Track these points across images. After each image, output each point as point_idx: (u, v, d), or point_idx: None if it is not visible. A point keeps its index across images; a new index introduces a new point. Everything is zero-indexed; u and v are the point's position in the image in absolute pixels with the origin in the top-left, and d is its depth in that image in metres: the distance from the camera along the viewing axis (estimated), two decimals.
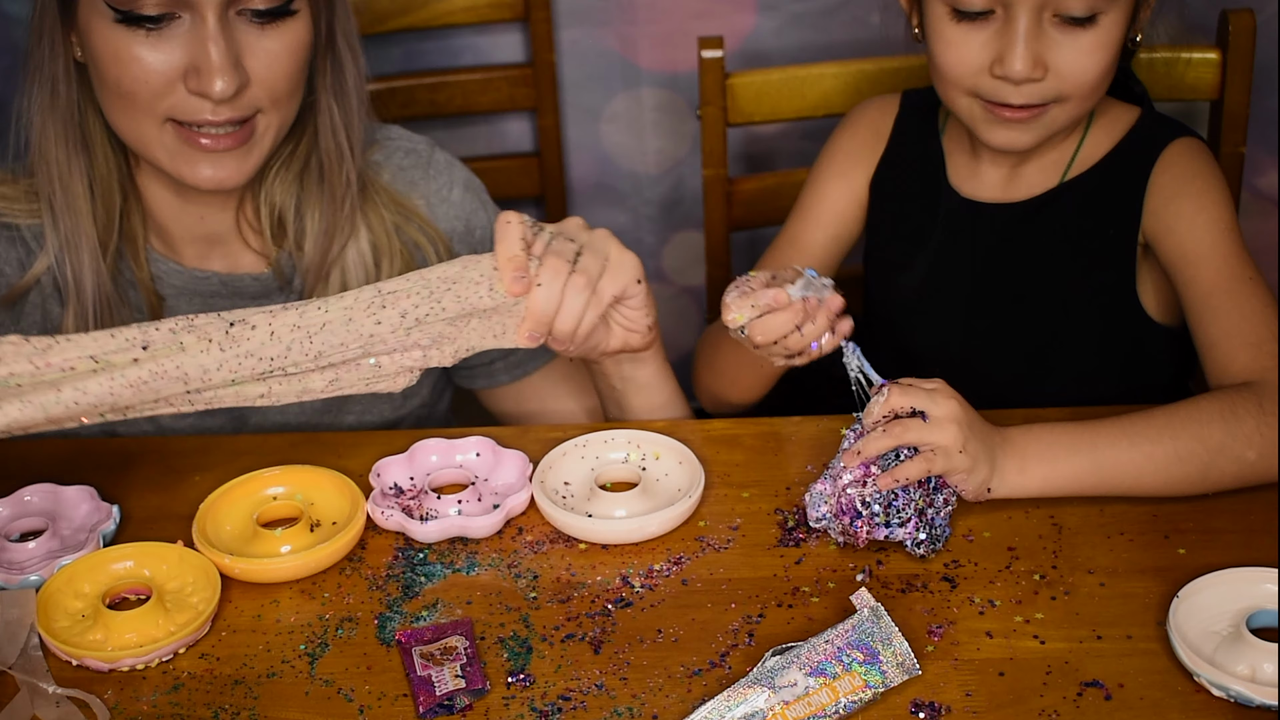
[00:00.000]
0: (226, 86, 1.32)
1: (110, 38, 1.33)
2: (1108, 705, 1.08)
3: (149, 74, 1.33)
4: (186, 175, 1.38)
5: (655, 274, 2.49)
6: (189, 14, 1.32)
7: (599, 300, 1.27)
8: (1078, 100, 1.42)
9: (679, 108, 2.35)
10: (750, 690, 1.06)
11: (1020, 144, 1.46)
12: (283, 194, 1.48)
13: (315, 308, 1.21)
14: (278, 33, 1.36)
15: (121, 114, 1.37)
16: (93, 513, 1.30)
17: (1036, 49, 1.38)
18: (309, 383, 1.22)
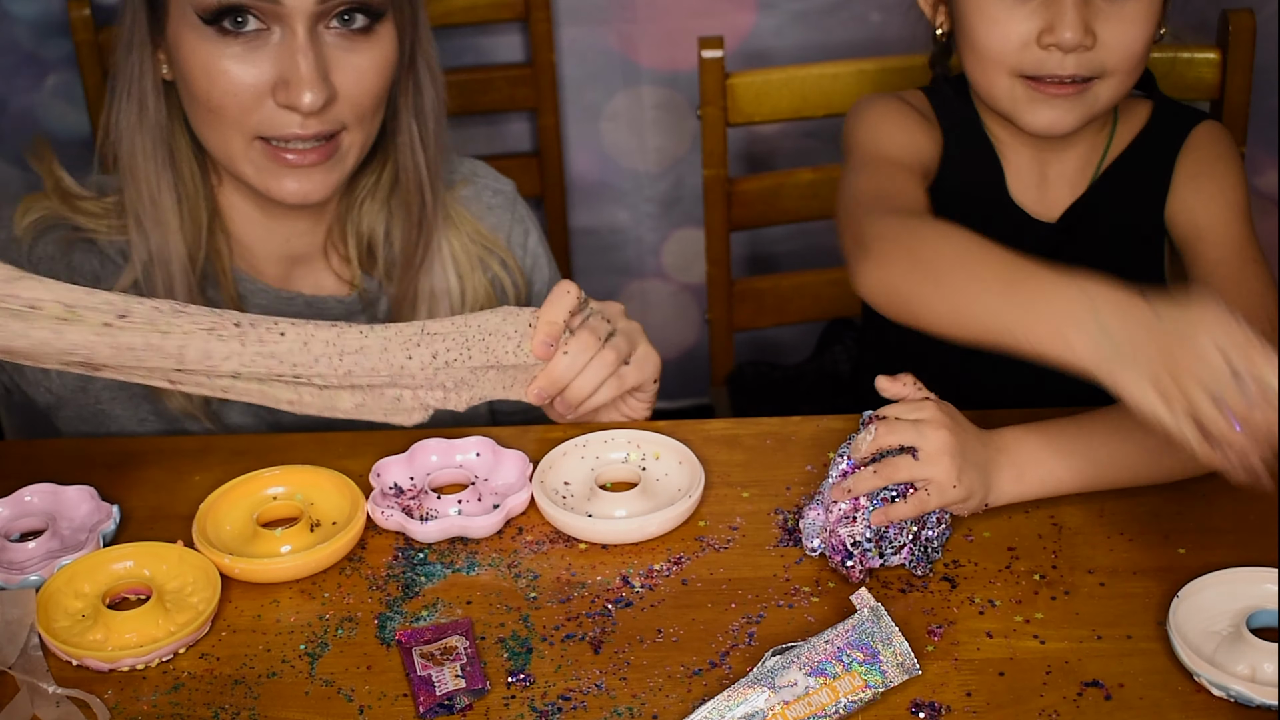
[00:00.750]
0: (315, 99, 1.33)
1: (200, 51, 1.34)
2: (1108, 705, 1.08)
3: (238, 87, 1.34)
4: (273, 190, 1.39)
5: (655, 271, 2.50)
6: (279, 27, 1.33)
7: (620, 383, 1.33)
8: (1121, 75, 1.41)
9: (679, 106, 2.36)
10: (750, 690, 1.06)
11: (1063, 125, 1.43)
12: (371, 220, 1.50)
13: (357, 332, 1.25)
14: (366, 48, 1.37)
15: (210, 129, 1.38)
16: (93, 513, 1.30)
17: (1085, 15, 1.37)
18: (338, 400, 1.26)
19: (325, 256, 1.52)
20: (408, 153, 1.46)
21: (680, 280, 2.50)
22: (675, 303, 2.50)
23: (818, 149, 2.32)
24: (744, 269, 2.38)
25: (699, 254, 2.23)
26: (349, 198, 1.50)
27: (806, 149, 2.32)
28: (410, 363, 1.25)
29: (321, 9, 1.33)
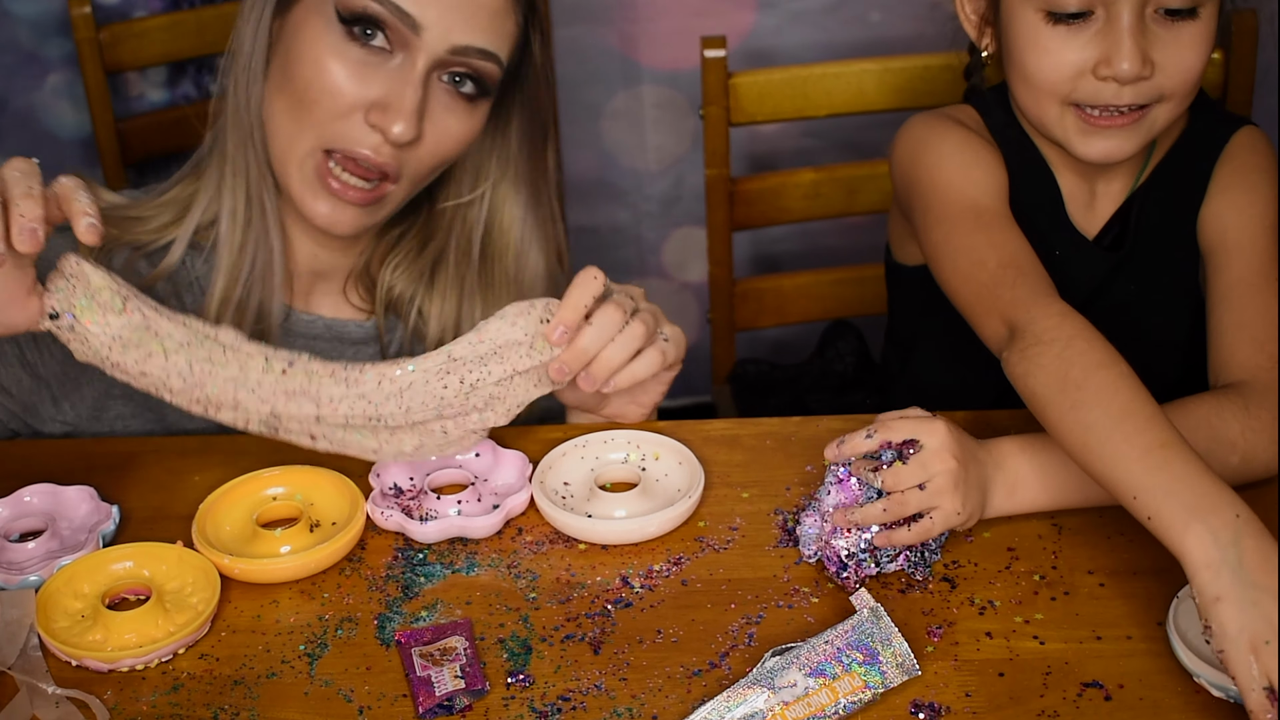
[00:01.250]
0: (406, 132, 1.33)
1: (321, 42, 1.34)
2: (1107, 706, 1.08)
3: (340, 89, 1.34)
4: (307, 204, 1.39)
5: (655, 270, 2.50)
6: (402, 54, 1.34)
7: (663, 357, 1.30)
8: (1179, 99, 1.38)
9: (679, 105, 2.36)
10: (750, 691, 1.06)
11: (1120, 153, 1.40)
12: (404, 285, 1.50)
13: (407, 367, 1.24)
14: (464, 113, 1.38)
15: (286, 118, 1.38)
16: (92, 513, 1.30)
17: (1143, 45, 1.33)
18: (402, 444, 1.26)
19: (344, 284, 1.52)
20: (462, 244, 1.48)
21: (680, 279, 2.50)
22: (676, 302, 2.50)
23: (819, 149, 2.32)
24: (746, 269, 2.38)
25: (699, 253, 2.23)
26: (383, 248, 1.51)
27: (808, 149, 2.32)
28: (446, 392, 1.24)
29: (447, 58, 1.34)
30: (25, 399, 1.44)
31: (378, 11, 1.32)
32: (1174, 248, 1.47)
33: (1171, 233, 1.47)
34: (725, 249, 1.95)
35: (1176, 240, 1.46)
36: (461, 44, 1.34)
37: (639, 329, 1.28)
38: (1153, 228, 1.48)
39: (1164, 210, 1.47)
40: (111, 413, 1.47)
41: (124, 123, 2.13)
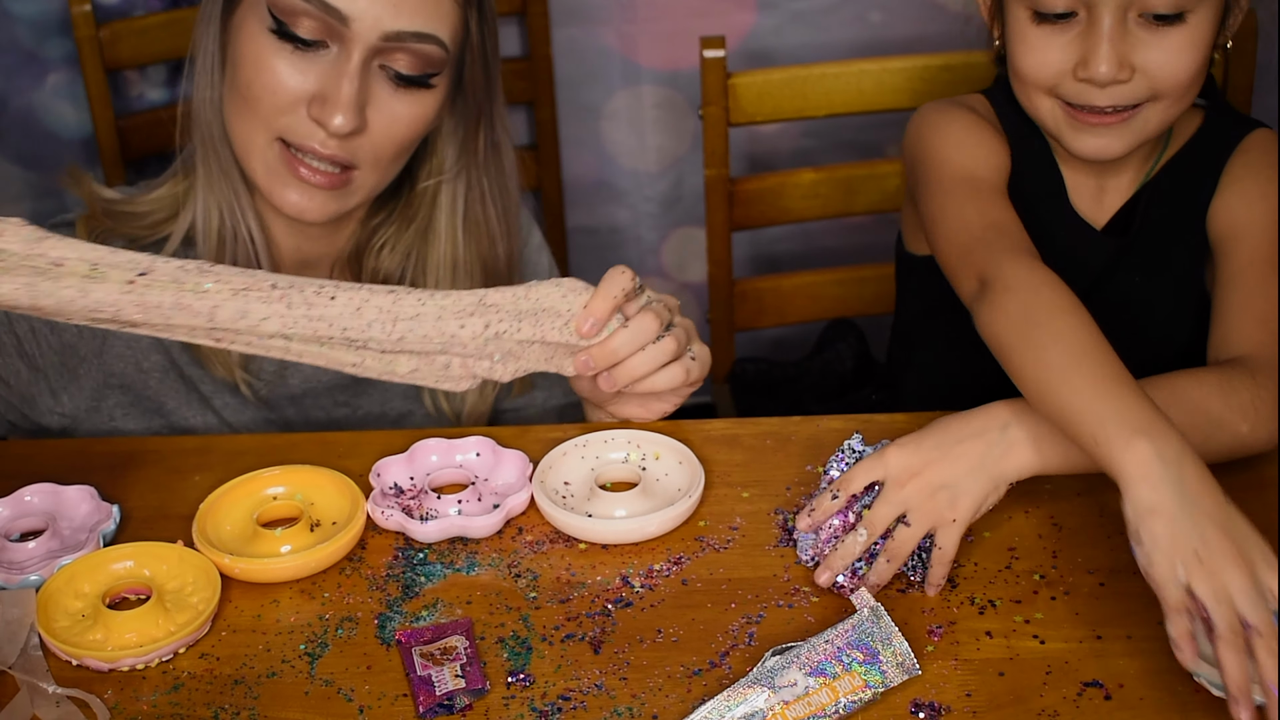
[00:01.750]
0: (345, 123, 1.34)
1: (257, 43, 1.36)
2: (1108, 705, 1.08)
3: (279, 87, 1.36)
4: (275, 195, 1.40)
5: (655, 270, 2.50)
6: (337, 46, 1.35)
7: (687, 375, 1.32)
8: (1171, 100, 1.39)
9: (679, 105, 2.36)
10: (750, 690, 1.06)
11: (1111, 151, 1.42)
12: (392, 265, 1.51)
13: (415, 299, 1.24)
14: (410, 99, 1.38)
15: (238, 116, 1.40)
16: (93, 513, 1.30)
17: (1122, 50, 1.35)
18: (396, 365, 1.26)
19: (332, 270, 1.54)
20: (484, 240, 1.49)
21: (680, 280, 2.50)
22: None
23: (819, 149, 2.32)
24: (745, 269, 2.38)
25: (698, 253, 2.23)
26: (366, 232, 1.51)
27: (807, 149, 2.32)
28: (462, 331, 1.24)
29: (382, 45, 1.34)
30: (23, 390, 1.45)
31: (305, 8, 1.33)
32: (1180, 242, 1.48)
33: (1178, 227, 1.47)
34: (725, 249, 1.96)
35: (1183, 235, 1.47)
36: (394, 30, 1.34)
37: (670, 345, 1.30)
38: (1160, 220, 1.48)
39: (1172, 204, 1.48)
40: (110, 402, 1.48)
41: (124, 121, 2.13)
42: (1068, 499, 1.28)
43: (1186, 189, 1.47)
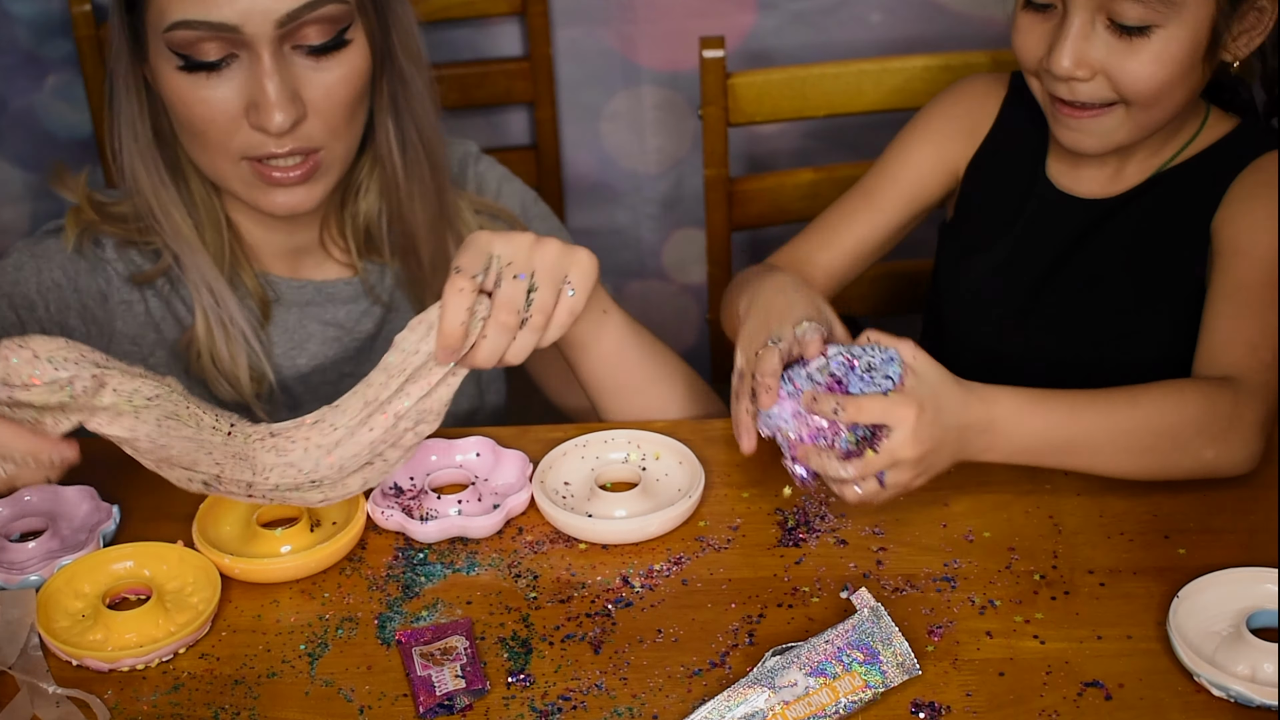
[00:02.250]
0: (284, 120, 1.35)
1: (175, 83, 1.37)
2: (1108, 705, 1.08)
3: (214, 113, 1.37)
4: (263, 204, 1.42)
5: (656, 272, 2.49)
6: (245, 53, 1.34)
7: (571, 314, 1.24)
8: (1139, 107, 1.40)
9: (679, 106, 2.35)
10: (750, 690, 1.06)
11: (1084, 146, 1.45)
12: (368, 210, 1.52)
13: (329, 425, 1.23)
14: (334, 65, 1.38)
15: (199, 151, 1.42)
16: (92, 512, 1.30)
17: (1083, 49, 1.38)
18: (348, 487, 1.24)
19: (324, 248, 1.55)
20: (385, 151, 1.47)
21: (680, 280, 2.49)
22: (675, 303, 2.50)
23: (819, 149, 2.31)
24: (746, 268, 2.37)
25: (699, 254, 2.23)
26: (341, 193, 1.52)
27: (807, 149, 2.32)
28: (372, 434, 1.22)
29: (282, 32, 1.33)
30: None
31: (196, 36, 1.33)
32: (1173, 239, 1.47)
33: (1176, 225, 1.47)
34: (724, 249, 1.95)
35: (1179, 234, 1.47)
36: (284, 13, 1.33)
37: (538, 320, 1.22)
38: (1161, 213, 1.49)
39: (1177, 202, 1.48)
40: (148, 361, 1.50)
41: None
42: (1068, 499, 1.28)
43: (1195, 191, 1.47)
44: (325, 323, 1.55)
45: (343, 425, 1.23)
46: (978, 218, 1.59)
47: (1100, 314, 1.51)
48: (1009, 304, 1.55)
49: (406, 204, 1.50)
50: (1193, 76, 1.40)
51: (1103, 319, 1.51)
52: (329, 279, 1.55)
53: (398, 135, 1.47)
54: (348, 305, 1.55)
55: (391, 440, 1.23)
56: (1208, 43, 1.39)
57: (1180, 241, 1.47)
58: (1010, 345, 1.54)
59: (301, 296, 1.54)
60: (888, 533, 1.26)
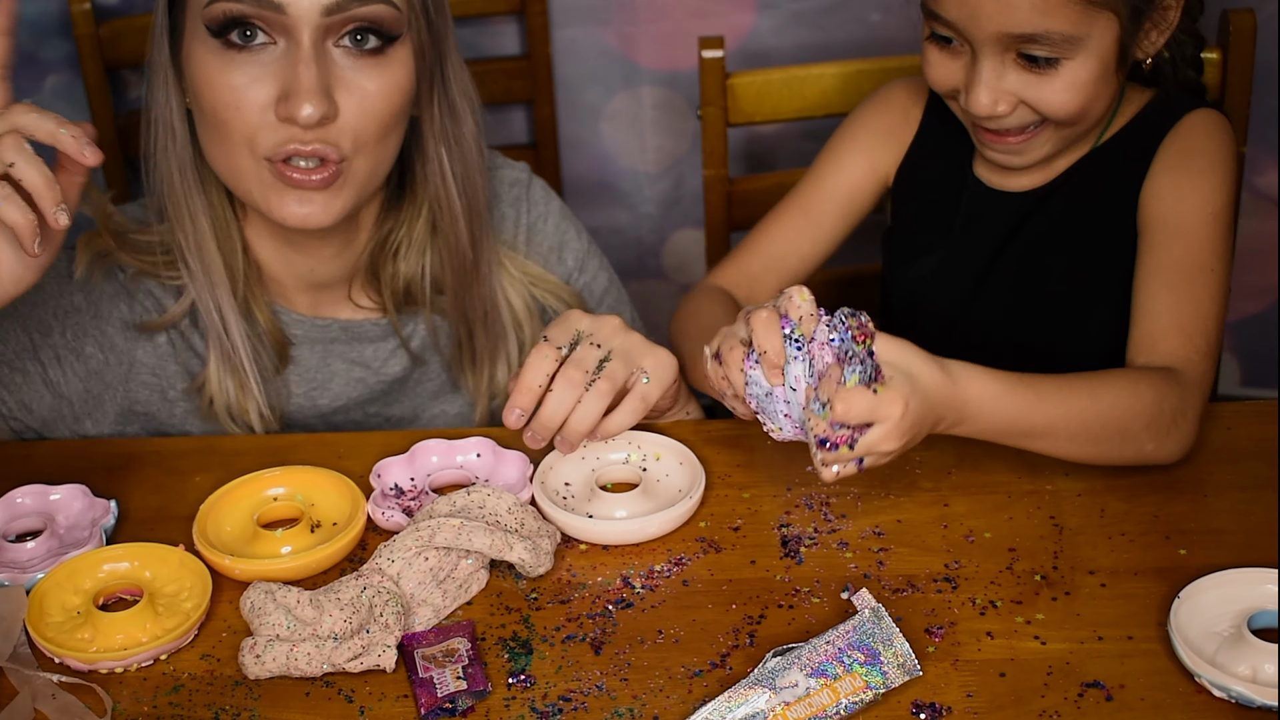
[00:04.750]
0: (314, 111, 1.28)
1: (207, 65, 1.31)
2: (1109, 706, 1.08)
3: (242, 100, 1.30)
4: (275, 210, 1.35)
5: (655, 272, 2.49)
6: (285, 40, 1.30)
7: (644, 404, 1.29)
8: (1068, 124, 1.43)
9: (679, 106, 2.36)
10: (751, 691, 1.06)
11: (1017, 164, 1.47)
12: (409, 267, 1.47)
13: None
14: (376, 71, 1.32)
15: (219, 148, 1.35)
16: (89, 509, 1.30)
17: (998, 87, 1.39)
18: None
19: (350, 285, 1.49)
20: (438, 185, 1.42)
21: (680, 280, 2.50)
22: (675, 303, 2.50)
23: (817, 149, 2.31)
24: None
25: (699, 254, 2.23)
26: (379, 239, 1.47)
27: (806, 149, 2.31)
28: (427, 564, 1.20)
29: (328, 22, 1.29)
30: (45, 415, 1.44)
31: (239, 10, 1.28)
32: (1105, 220, 1.49)
33: (1106, 205, 1.49)
34: (723, 249, 1.95)
35: (1109, 213, 1.48)
36: (333, 1, 1.28)
37: (605, 386, 1.26)
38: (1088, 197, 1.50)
39: (1104, 182, 1.49)
40: (132, 429, 1.47)
41: (124, 120, 2.13)
42: (1068, 499, 1.28)
43: (1120, 168, 1.49)
44: (351, 361, 1.50)
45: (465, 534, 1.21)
46: (914, 222, 1.61)
47: (1043, 300, 1.53)
48: (953, 301, 1.56)
49: (455, 245, 1.44)
50: (1109, 89, 1.43)
51: (1046, 305, 1.53)
52: (354, 319, 1.50)
53: (452, 169, 1.42)
54: (375, 344, 1.50)
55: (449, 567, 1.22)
56: (1117, 59, 1.40)
57: (1113, 219, 1.48)
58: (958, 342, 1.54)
59: (326, 335, 1.49)
60: (888, 533, 1.26)
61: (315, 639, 1.13)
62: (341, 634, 1.13)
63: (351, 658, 1.12)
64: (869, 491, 1.31)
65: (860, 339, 1.16)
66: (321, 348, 1.49)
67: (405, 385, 1.52)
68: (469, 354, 1.50)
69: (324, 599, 1.15)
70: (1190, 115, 1.48)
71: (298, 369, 1.49)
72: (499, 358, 1.51)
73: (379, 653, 1.12)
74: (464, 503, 1.23)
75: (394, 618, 1.14)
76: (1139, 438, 1.28)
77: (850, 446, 1.15)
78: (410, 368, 1.52)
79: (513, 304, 1.51)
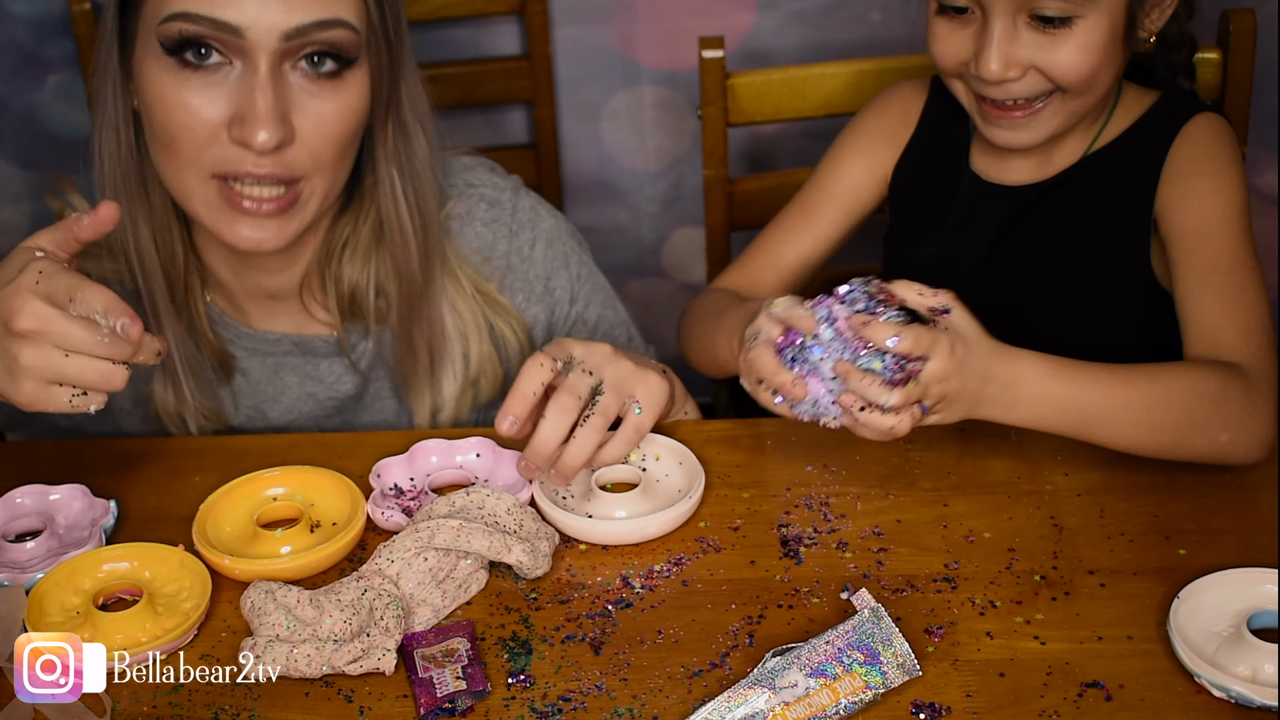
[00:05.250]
0: (270, 138, 1.27)
1: (160, 80, 1.29)
2: (1108, 706, 1.08)
3: (194, 120, 1.29)
4: (225, 234, 1.33)
5: (655, 270, 2.50)
6: (241, 61, 1.28)
7: (638, 433, 1.28)
8: (1074, 94, 1.43)
9: (679, 106, 2.36)
10: (751, 691, 1.06)
11: (1020, 142, 1.47)
12: (354, 273, 1.44)
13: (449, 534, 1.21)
14: (332, 94, 1.31)
15: (168, 163, 1.33)
16: (88, 509, 1.30)
17: (1010, 50, 1.40)
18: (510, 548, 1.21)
19: (302, 298, 1.47)
20: (390, 205, 1.40)
21: (680, 280, 2.50)
22: (675, 303, 2.50)
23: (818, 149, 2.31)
24: None
25: (699, 254, 2.23)
26: (326, 248, 1.44)
27: (806, 149, 2.31)
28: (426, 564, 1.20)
29: (286, 46, 1.27)
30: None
31: (195, 31, 1.26)
32: (1109, 221, 1.49)
33: (1110, 207, 1.49)
34: (724, 249, 1.95)
35: (1114, 215, 1.49)
36: (292, 27, 1.26)
37: (598, 422, 1.25)
38: (1092, 197, 1.51)
39: (1109, 183, 1.50)
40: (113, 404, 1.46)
41: None
42: (1068, 499, 1.28)
43: (1126, 170, 1.49)
44: (305, 376, 1.48)
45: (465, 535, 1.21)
46: (911, 217, 1.62)
47: (1040, 298, 1.53)
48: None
49: (403, 264, 1.42)
50: (1117, 59, 1.43)
51: (1043, 303, 1.53)
52: (306, 334, 1.48)
53: (403, 189, 1.40)
54: (330, 360, 1.49)
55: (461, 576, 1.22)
56: (1125, 25, 1.42)
57: (1117, 218, 1.49)
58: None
59: (277, 349, 1.47)
60: (888, 533, 1.26)
61: (315, 640, 1.13)
62: (341, 635, 1.13)
63: (351, 661, 1.12)
64: (869, 491, 1.31)
65: (884, 298, 1.21)
66: (273, 361, 1.48)
67: (361, 402, 1.51)
68: (412, 370, 1.47)
69: (324, 599, 1.15)
70: (1195, 120, 1.48)
71: (247, 381, 1.48)
72: (444, 373, 1.48)
73: (379, 656, 1.12)
74: (463, 503, 1.23)
75: (394, 621, 1.14)
76: (1210, 426, 1.27)
77: (916, 380, 1.18)
78: (365, 382, 1.50)
79: (461, 315, 1.47)
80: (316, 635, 1.13)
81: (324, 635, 1.13)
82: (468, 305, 1.48)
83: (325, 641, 1.12)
